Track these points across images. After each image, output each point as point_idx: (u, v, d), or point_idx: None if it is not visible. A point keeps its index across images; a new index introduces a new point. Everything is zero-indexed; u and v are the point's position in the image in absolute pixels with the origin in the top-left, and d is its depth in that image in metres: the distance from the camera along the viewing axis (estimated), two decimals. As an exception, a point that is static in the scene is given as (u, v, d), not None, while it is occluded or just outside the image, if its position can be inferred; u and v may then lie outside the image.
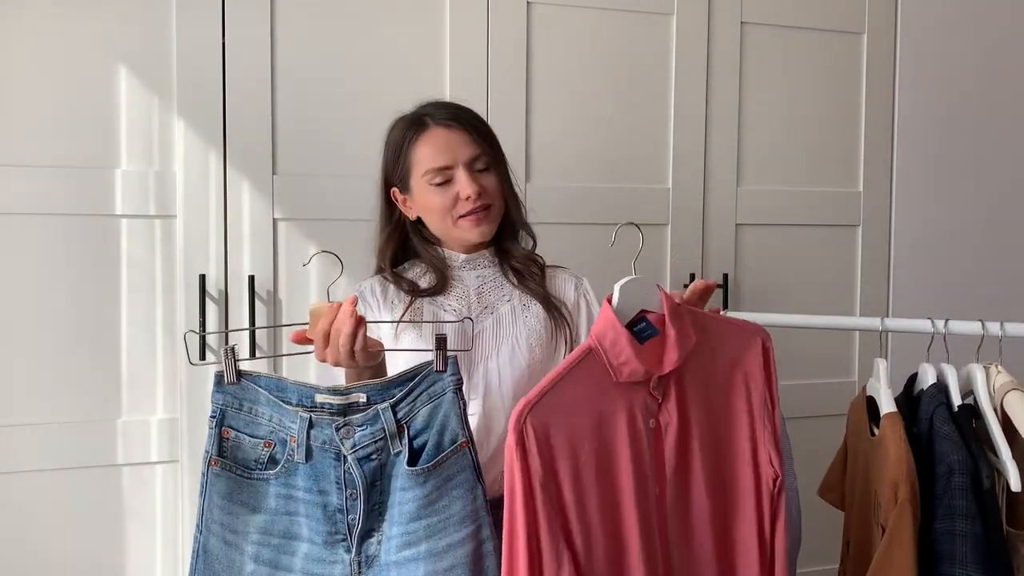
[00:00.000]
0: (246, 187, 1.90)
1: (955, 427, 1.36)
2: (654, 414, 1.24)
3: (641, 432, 1.23)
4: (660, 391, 1.24)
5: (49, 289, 1.81)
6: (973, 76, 2.43)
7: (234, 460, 1.23)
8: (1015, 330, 1.41)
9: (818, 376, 2.33)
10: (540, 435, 1.17)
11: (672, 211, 2.19)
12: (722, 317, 1.37)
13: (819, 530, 1.91)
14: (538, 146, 2.09)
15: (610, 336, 1.22)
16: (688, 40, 2.19)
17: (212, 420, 1.23)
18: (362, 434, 1.22)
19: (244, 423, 1.24)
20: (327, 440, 1.22)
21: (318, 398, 1.23)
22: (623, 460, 1.21)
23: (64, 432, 1.82)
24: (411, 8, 2.00)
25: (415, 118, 1.44)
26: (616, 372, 1.21)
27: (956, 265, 2.43)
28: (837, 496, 1.64)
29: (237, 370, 1.23)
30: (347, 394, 1.23)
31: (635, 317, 1.26)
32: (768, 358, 1.31)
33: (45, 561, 1.83)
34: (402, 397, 1.24)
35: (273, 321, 1.92)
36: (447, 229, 1.44)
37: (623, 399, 1.23)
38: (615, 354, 1.21)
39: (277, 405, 1.23)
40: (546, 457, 1.18)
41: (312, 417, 1.22)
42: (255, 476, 1.24)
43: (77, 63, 1.82)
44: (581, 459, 1.20)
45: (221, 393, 1.23)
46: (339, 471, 1.22)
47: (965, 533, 1.28)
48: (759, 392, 1.30)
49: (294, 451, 1.23)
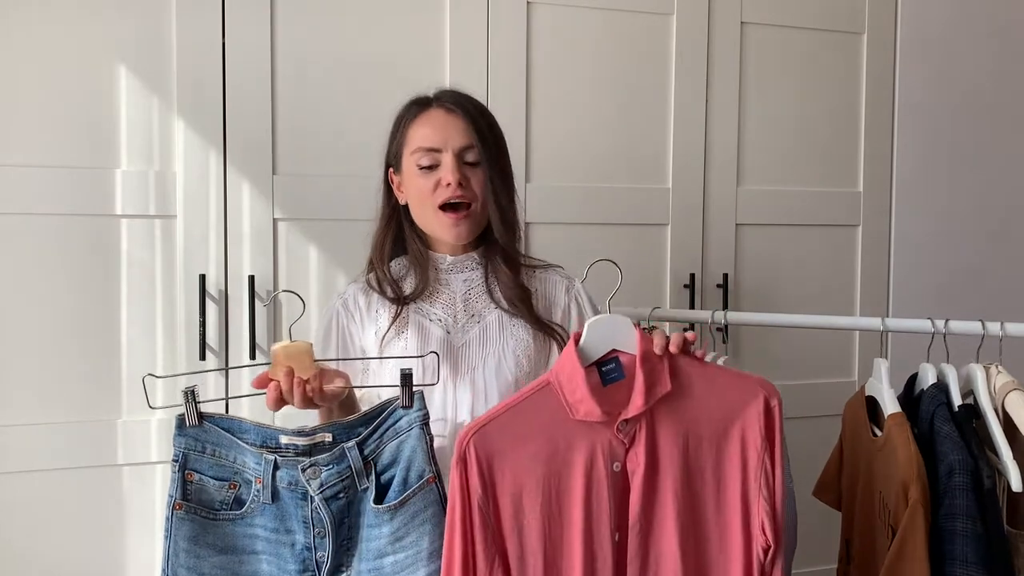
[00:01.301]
0: (246, 187, 1.90)
1: (955, 427, 1.36)
2: (619, 458, 1.20)
3: (601, 473, 1.19)
4: (627, 435, 1.20)
5: (49, 289, 1.81)
6: (973, 76, 2.43)
7: (199, 502, 1.22)
8: (1015, 330, 1.41)
9: (818, 376, 2.33)
10: (482, 459, 1.17)
11: (672, 211, 2.19)
12: (719, 367, 1.30)
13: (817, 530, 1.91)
14: (538, 146, 2.09)
15: (567, 371, 1.20)
16: (688, 40, 2.19)
17: (175, 464, 1.22)
18: (328, 473, 1.22)
19: (208, 465, 1.23)
20: (293, 481, 1.22)
21: (283, 439, 1.22)
22: (575, 497, 1.19)
23: (64, 432, 1.82)
24: (411, 8, 2.00)
25: (421, 97, 1.41)
26: (572, 409, 1.19)
27: (956, 265, 2.43)
28: (833, 496, 1.64)
29: (199, 412, 1.22)
30: (312, 435, 1.22)
31: (605, 356, 1.22)
32: (772, 418, 1.22)
33: (45, 561, 1.82)
34: (368, 435, 1.23)
35: (273, 321, 1.92)
36: (428, 219, 1.38)
37: (583, 436, 1.19)
38: (570, 391, 1.19)
39: (240, 447, 1.22)
40: (486, 480, 1.17)
41: (277, 459, 1.21)
42: (221, 517, 1.23)
43: (77, 63, 1.82)
44: (525, 489, 1.18)
45: (183, 436, 1.22)
46: (306, 511, 1.22)
47: (966, 532, 1.28)
48: (756, 453, 1.21)
49: (260, 492, 1.22)
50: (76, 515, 1.84)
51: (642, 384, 1.19)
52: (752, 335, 2.24)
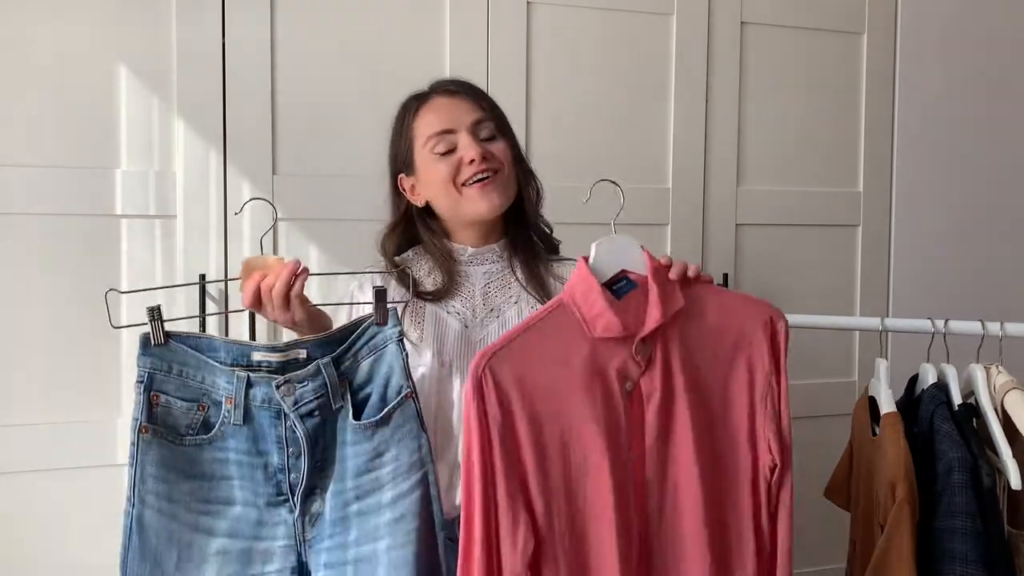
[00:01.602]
0: (246, 187, 1.90)
1: (955, 425, 1.36)
2: (634, 379, 1.17)
3: (615, 393, 1.16)
4: (644, 356, 1.17)
5: (49, 289, 1.81)
6: (973, 76, 2.43)
7: (165, 426, 1.17)
8: (1015, 330, 1.41)
9: (818, 376, 2.33)
10: (500, 384, 1.13)
11: (672, 211, 2.19)
12: (726, 290, 1.28)
13: (821, 530, 1.91)
14: (538, 146, 2.09)
15: (581, 289, 1.17)
16: (688, 40, 2.19)
17: (139, 385, 1.17)
18: (303, 390, 1.18)
19: (174, 387, 1.18)
20: (266, 399, 1.18)
21: (255, 356, 1.18)
22: (593, 421, 1.14)
23: (64, 432, 1.82)
24: (411, 8, 2.00)
25: (416, 94, 1.40)
26: (590, 325, 1.15)
27: (956, 265, 2.43)
28: (843, 498, 1.64)
29: (164, 331, 1.17)
30: (286, 350, 1.19)
31: (615, 276, 1.20)
32: (776, 339, 1.22)
33: (45, 561, 1.83)
34: (343, 352, 1.21)
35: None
36: (454, 203, 1.35)
37: (599, 357, 1.16)
38: (587, 307, 1.16)
39: (210, 366, 1.18)
40: (506, 407, 1.12)
41: (250, 376, 1.18)
42: (188, 442, 1.18)
43: (77, 63, 1.82)
44: (544, 416, 1.14)
45: (148, 356, 1.17)
46: (280, 430, 1.18)
47: (966, 531, 1.28)
48: (763, 373, 1.20)
49: (230, 413, 1.18)
50: (76, 515, 1.84)
51: (657, 297, 1.16)
52: (752, 335, 2.24)
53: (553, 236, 1.47)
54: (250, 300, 1.22)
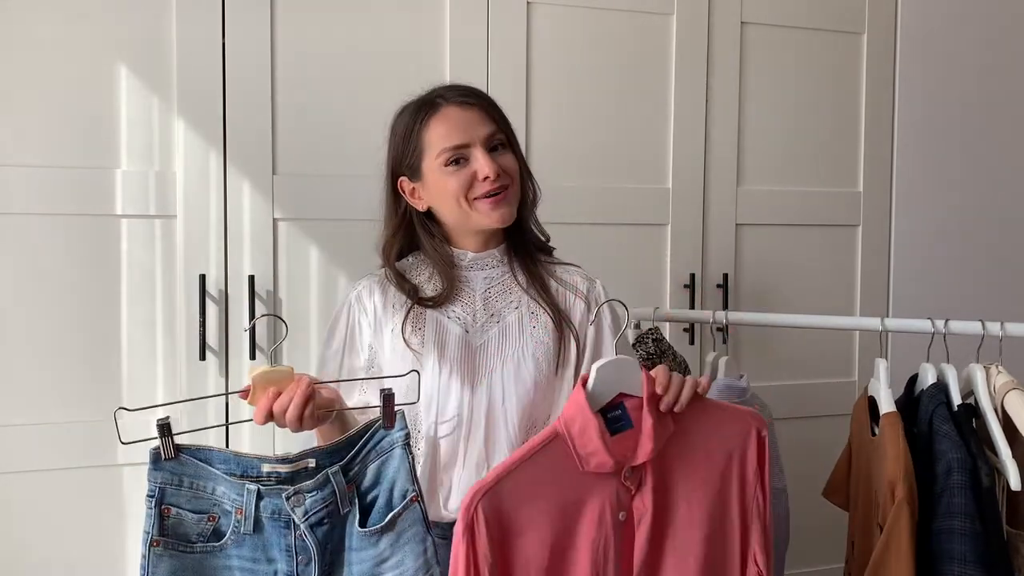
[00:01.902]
0: (246, 187, 1.90)
1: (954, 426, 1.36)
2: (626, 506, 1.18)
3: (608, 525, 1.17)
4: (634, 481, 1.18)
5: (49, 289, 1.81)
6: (973, 76, 2.43)
7: (175, 536, 1.19)
8: (1015, 330, 1.42)
9: (818, 376, 2.33)
10: (491, 523, 1.13)
11: (672, 211, 2.19)
12: (712, 401, 1.28)
13: (820, 530, 1.91)
14: (538, 146, 2.09)
15: (579, 423, 1.16)
16: (688, 40, 2.19)
17: (150, 500, 1.18)
18: (313, 500, 1.19)
19: (185, 499, 1.19)
20: (276, 510, 1.19)
21: (264, 468, 1.19)
22: (582, 555, 1.16)
23: (64, 432, 1.82)
24: (411, 8, 2.00)
25: (425, 100, 1.36)
26: (583, 462, 1.16)
27: (956, 265, 2.43)
28: (842, 497, 1.64)
29: (174, 445, 1.18)
30: (295, 461, 1.19)
31: (612, 401, 1.20)
32: (763, 448, 1.23)
33: (45, 561, 1.83)
34: (351, 458, 1.21)
35: (273, 322, 1.92)
36: (463, 215, 1.33)
37: (590, 489, 1.17)
38: (582, 444, 1.16)
39: (220, 478, 1.19)
40: (496, 543, 1.13)
41: (260, 488, 1.18)
42: (197, 549, 1.19)
43: (77, 63, 1.82)
44: (533, 550, 1.15)
45: (159, 471, 1.18)
46: (289, 539, 1.19)
47: (964, 531, 1.28)
48: (751, 485, 1.23)
49: (240, 523, 1.19)
50: (76, 515, 1.84)
51: (651, 429, 1.16)
52: (752, 335, 2.24)
53: (548, 241, 1.47)
54: (263, 419, 1.21)
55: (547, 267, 1.42)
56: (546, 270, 1.42)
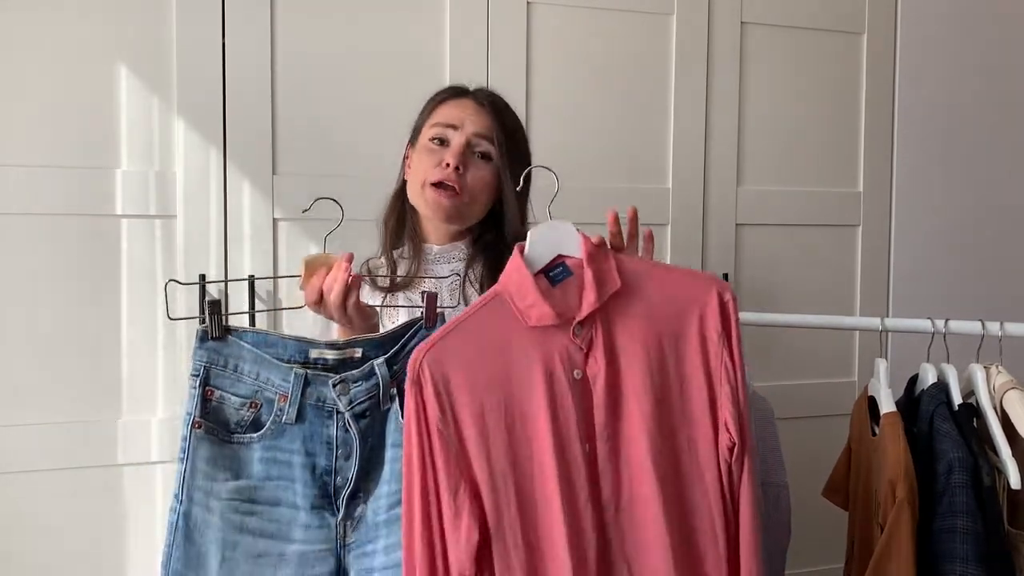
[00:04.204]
0: (246, 187, 1.90)
1: (955, 425, 1.36)
2: (579, 365, 1.15)
3: (563, 382, 1.14)
4: (584, 340, 1.15)
5: (49, 289, 1.81)
6: (973, 76, 2.43)
7: (216, 422, 1.16)
8: (1015, 330, 1.41)
9: (818, 376, 2.33)
10: (438, 379, 1.12)
11: (672, 211, 2.19)
12: (669, 265, 1.25)
13: (820, 530, 1.91)
14: (538, 146, 2.07)
15: (515, 279, 1.16)
16: (688, 40, 2.19)
17: (194, 379, 1.15)
18: (357, 390, 1.18)
19: (229, 382, 1.17)
20: (322, 397, 1.17)
21: (312, 353, 1.18)
22: (538, 410, 1.13)
23: (64, 432, 1.82)
24: (411, 8, 2.00)
25: (460, 87, 1.45)
26: (524, 315, 1.15)
27: (956, 265, 2.43)
28: (842, 497, 1.64)
29: (224, 325, 1.16)
30: (344, 348, 1.19)
31: (551, 262, 1.19)
32: (727, 312, 1.18)
33: (45, 561, 1.83)
34: (396, 352, 1.21)
35: (273, 323, 1.92)
36: (417, 194, 1.39)
37: (539, 346, 1.14)
38: (520, 297, 1.15)
39: (267, 362, 1.17)
40: (444, 402, 1.12)
41: (308, 374, 1.17)
42: (235, 440, 1.17)
43: (77, 63, 1.82)
44: (487, 407, 1.12)
45: (205, 350, 1.16)
46: (331, 430, 1.18)
47: (966, 530, 1.28)
48: (715, 348, 1.17)
49: (283, 411, 1.17)
50: (76, 515, 1.84)
51: (592, 280, 1.15)
52: (752, 335, 2.23)
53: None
54: (314, 297, 1.24)
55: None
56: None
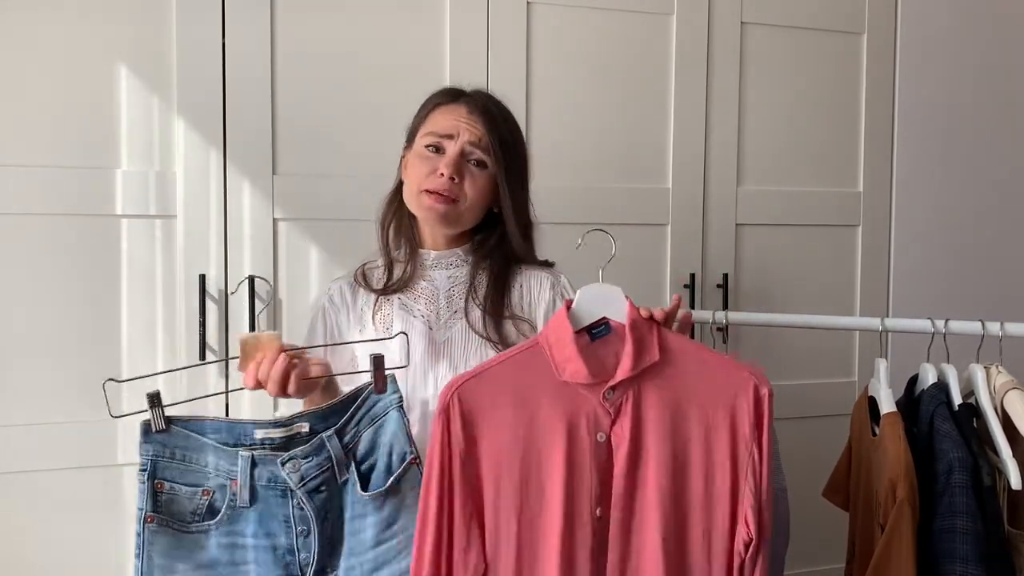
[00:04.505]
0: (246, 187, 1.90)
1: (955, 425, 1.36)
2: (605, 428, 1.17)
3: (585, 443, 1.16)
4: (614, 404, 1.17)
5: (49, 289, 1.81)
6: (973, 76, 2.43)
7: (170, 514, 1.17)
8: (1015, 330, 1.41)
9: (818, 376, 2.33)
10: (465, 412, 1.15)
11: (672, 211, 2.19)
12: (707, 348, 1.26)
13: (820, 530, 1.91)
14: (538, 146, 2.08)
15: (556, 332, 1.18)
16: (688, 40, 2.19)
17: (143, 473, 1.16)
18: (308, 466, 1.18)
19: (178, 472, 1.17)
20: (272, 477, 1.17)
21: (258, 434, 1.18)
22: (555, 464, 1.15)
23: (64, 432, 1.82)
24: (411, 8, 2.00)
25: (456, 90, 1.42)
26: (559, 368, 1.17)
27: (956, 265, 2.43)
28: (842, 498, 1.63)
29: (165, 416, 1.17)
30: (288, 425, 1.19)
31: (594, 322, 1.21)
32: (761, 408, 1.18)
33: (45, 561, 1.82)
34: (345, 423, 1.20)
35: (273, 322, 1.92)
36: (412, 199, 1.38)
37: (567, 402, 1.17)
38: (558, 349, 1.17)
39: (213, 448, 1.18)
40: (469, 434, 1.14)
41: (255, 455, 1.17)
42: (193, 529, 1.18)
43: (77, 63, 1.82)
44: (505, 453, 1.14)
45: (150, 444, 1.17)
46: (287, 509, 1.18)
47: (966, 530, 1.28)
48: (745, 444, 1.18)
49: (236, 495, 1.17)
50: (76, 515, 1.84)
51: (631, 348, 1.16)
52: (752, 335, 2.24)
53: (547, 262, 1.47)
54: (252, 384, 1.22)
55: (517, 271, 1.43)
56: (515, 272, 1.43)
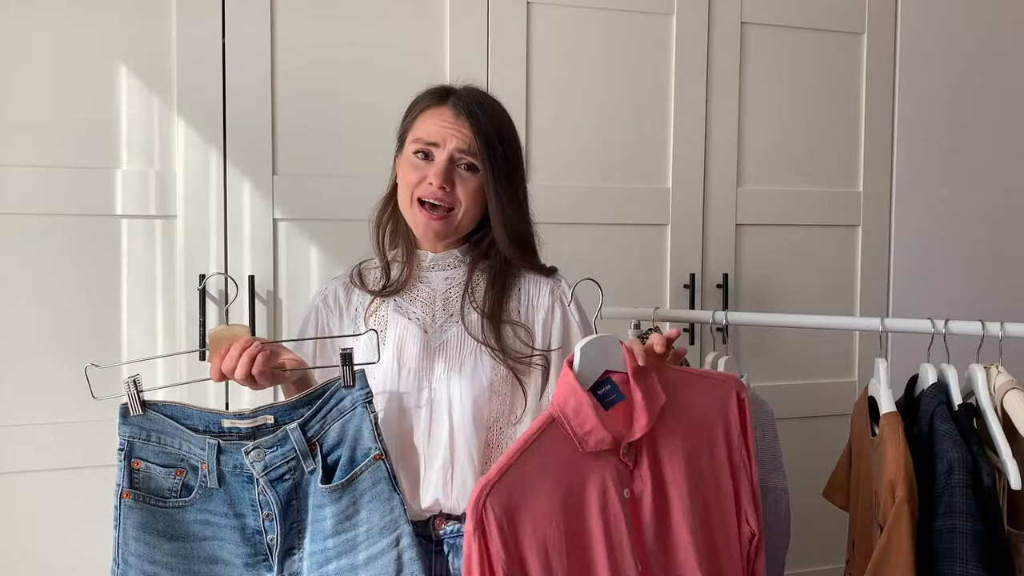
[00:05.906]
0: (246, 187, 1.90)
1: (955, 425, 1.36)
2: (627, 483, 1.19)
3: (615, 503, 1.17)
4: (631, 457, 1.19)
5: (49, 289, 1.81)
6: (973, 76, 2.43)
7: (147, 491, 1.23)
8: (1015, 330, 1.41)
9: (818, 376, 2.33)
10: (502, 519, 1.12)
11: (672, 211, 2.19)
12: (691, 370, 1.31)
13: (820, 530, 1.91)
14: (538, 146, 2.09)
15: (572, 404, 1.16)
16: (688, 40, 2.19)
17: (120, 452, 1.23)
18: (272, 456, 1.23)
19: (153, 453, 1.24)
20: (237, 464, 1.23)
21: (225, 423, 1.23)
22: (594, 535, 1.16)
23: (64, 432, 1.82)
24: (411, 8, 2.00)
25: (442, 90, 1.38)
26: (582, 442, 1.16)
27: (956, 265, 2.43)
28: (843, 498, 1.64)
29: (141, 401, 1.23)
30: (254, 417, 1.23)
31: (599, 379, 1.20)
32: (744, 410, 1.26)
33: (45, 561, 1.83)
34: (311, 416, 1.24)
35: (273, 322, 1.92)
36: (406, 209, 1.35)
37: (591, 469, 1.17)
38: (579, 423, 1.16)
39: (184, 433, 1.23)
40: (508, 540, 1.12)
41: (220, 443, 1.23)
42: (170, 504, 1.24)
43: (77, 63, 1.82)
44: (548, 538, 1.14)
45: (127, 426, 1.23)
46: (253, 494, 1.23)
47: (965, 530, 1.28)
48: (737, 447, 1.26)
49: (206, 477, 1.23)
50: (76, 515, 1.84)
51: (642, 402, 1.18)
52: (752, 335, 2.24)
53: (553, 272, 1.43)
54: (217, 377, 1.25)
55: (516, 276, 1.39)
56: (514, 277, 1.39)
